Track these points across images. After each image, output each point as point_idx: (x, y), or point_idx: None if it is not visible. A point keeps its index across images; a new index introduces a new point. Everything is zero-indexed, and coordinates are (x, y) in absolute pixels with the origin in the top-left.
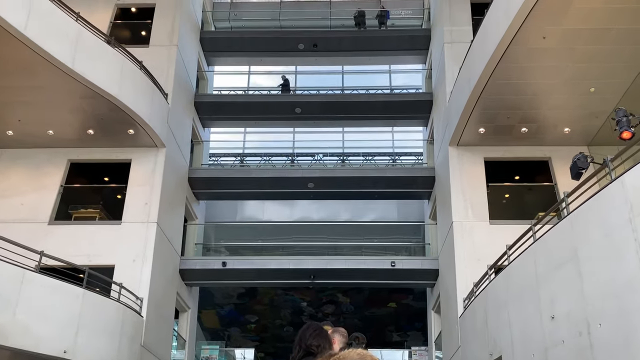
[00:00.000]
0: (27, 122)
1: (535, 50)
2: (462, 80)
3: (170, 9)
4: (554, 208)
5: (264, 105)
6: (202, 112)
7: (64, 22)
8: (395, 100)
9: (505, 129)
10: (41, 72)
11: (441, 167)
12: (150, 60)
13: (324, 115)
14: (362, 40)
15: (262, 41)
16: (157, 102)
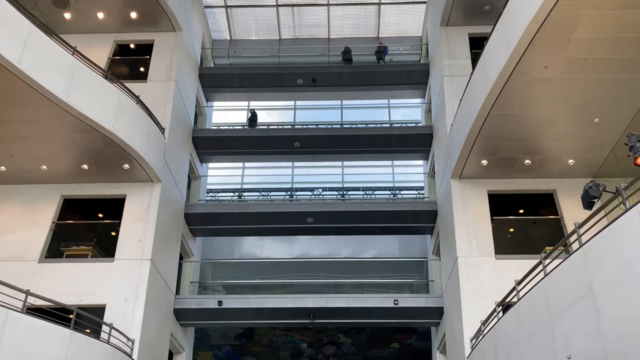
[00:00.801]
0: (20, 157)
1: (537, 80)
2: (463, 112)
3: (169, 45)
4: (565, 240)
5: (262, 140)
6: (200, 147)
7: (60, 56)
8: (394, 133)
9: (508, 161)
10: (35, 106)
11: (443, 201)
12: (148, 95)
13: (323, 149)
14: (361, 75)
15: (261, 76)
16: (154, 136)
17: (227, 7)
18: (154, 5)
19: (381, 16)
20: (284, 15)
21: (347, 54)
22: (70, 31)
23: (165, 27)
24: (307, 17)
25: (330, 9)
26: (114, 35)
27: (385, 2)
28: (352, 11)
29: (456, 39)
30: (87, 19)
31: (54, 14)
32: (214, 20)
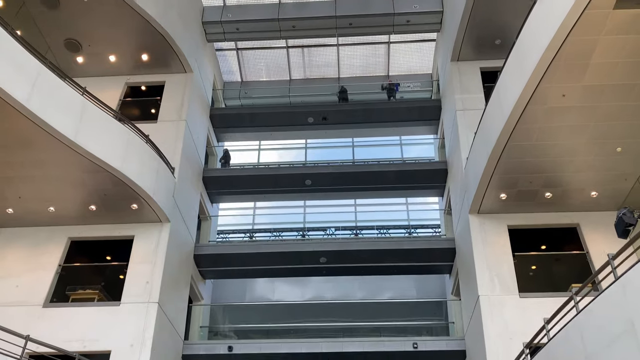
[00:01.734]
0: (27, 198)
1: (555, 109)
2: (479, 145)
3: (180, 86)
4: (598, 272)
5: (273, 178)
6: (210, 187)
7: (69, 96)
8: (408, 169)
9: (528, 195)
10: (43, 146)
11: (462, 238)
12: (158, 135)
13: (335, 186)
14: (372, 112)
15: (272, 116)
16: (163, 175)
17: (238, 49)
18: (166, 48)
19: (391, 55)
20: (294, 57)
21: (343, 93)
22: (82, 74)
23: (177, 69)
24: (317, 58)
25: (340, 49)
26: (126, 78)
27: (395, 41)
28: (361, 51)
29: (468, 73)
30: (100, 62)
31: (67, 58)
32: (226, 62)
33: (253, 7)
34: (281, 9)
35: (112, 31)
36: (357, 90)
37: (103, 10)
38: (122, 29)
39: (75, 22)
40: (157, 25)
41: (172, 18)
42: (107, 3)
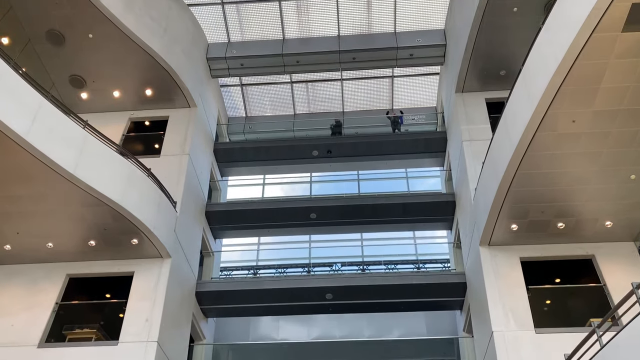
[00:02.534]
0: (26, 234)
1: (565, 135)
2: (487, 175)
3: (184, 120)
4: (622, 303)
5: (277, 212)
6: (213, 222)
7: (70, 129)
8: (415, 202)
9: (540, 225)
10: (43, 180)
11: (472, 272)
12: (161, 169)
13: (341, 220)
14: (377, 145)
15: (276, 150)
16: (164, 209)
17: (242, 85)
18: (170, 83)
19: (395, 89)
20: (298, 92)
21: (337, 127)
22: (86, 110)
23: (181, 104)
24: (321, 92)
25: (343, 83)
26: (129, 113)
27: (398, 74)
28: (365, 85)
29: (473, 105)
30: (104, 98)
31: (71, 94)
32: (230, 98)
33: (257, 43)
34: (285, 45)
35: (116, 67)
36: (361, 124)
37: (108, 47)
38: (126, 65)
39: (79, 59)
40: (162, 61)
41: (177, 54)
42: (111, 39)
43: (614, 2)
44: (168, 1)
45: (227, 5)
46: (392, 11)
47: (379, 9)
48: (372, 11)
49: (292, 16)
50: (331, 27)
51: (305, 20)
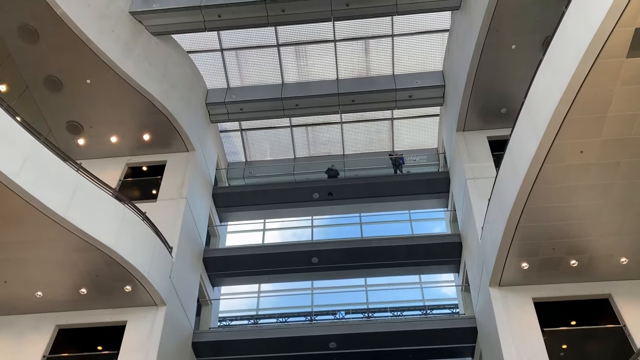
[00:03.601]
0: (14, 283)
1: (574, 167)
2: (494, 211)
3: (182, 164)
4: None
5: (278, 257)
6: (211, 269)
7: (61, 172)
8: (420, 244)
9: (552, 263)
10: (32, 224)
11: (483, 315)
12: (157, 214)
13: (344, 264)
14: (378, 186)
15: (276, 193)
16: (159, 255)
17: (242, 130)
18: (168, 128)
19: (395, 131)
20: (298, 135)
21: (330, 171)
22: (83, 157)
23: (179, 148)
24: (321, 136)
25: (343, 126)
26: (127, 158)
27: (398, 117)
28: (365, 127)
29: (475, 143)
30: (101, 143)
31: (69, 140)
32: (230, 143)
33: (256, 88)
34: (284, 89)
35: (114, 112)
36: (361, 166)
37: (106, 92)
38: (124, 110)
39: (77, 104)
40: (160, 105)
41: (175, 98)
42: (110, 84)
43: (617, 27)
44: (167, 48)
45: (226, 51)
46: (389, 55)
47: (377, 52)
48: (370, 55)
49: (291, 61)
50: (330, 71)
51: (304, 64)
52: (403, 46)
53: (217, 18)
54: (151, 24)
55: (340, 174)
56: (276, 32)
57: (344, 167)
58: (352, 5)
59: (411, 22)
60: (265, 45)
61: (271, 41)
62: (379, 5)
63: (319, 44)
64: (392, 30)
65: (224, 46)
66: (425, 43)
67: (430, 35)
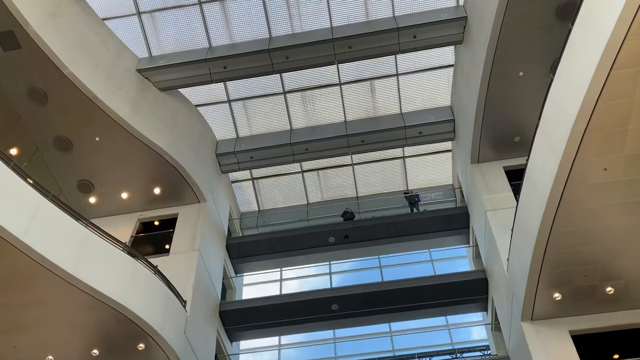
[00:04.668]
0: (23, 348)
1: (598, 186)
2: (519, 240)
3: (193, 216)
4: None
5: (296, 306)
6: (228, 323)
7: (69, 228)
8: (444, 282)
9: (586, 291)
10: (41, 284)
11: (517, 353)
12: (170, 267)
13: (365, 310)
14: (395, 226)
15: (291, 240)
16: (173, 309)
17: (253, 179)
18: (178, 180)
19: (407, 169)
20: (310, 181)
21: (348, 214)
22: (95, 215)
23: (190, 200)
24: (333, 179)
25: (355, 168)
26: (138, 214)
27: (410, 155)
28: (377, 168)
29: (491, 174)
30: (112, 201)
31: (80, 200)
32: (242, 193)
33: (265, 136)
34: (293, 134)
35: (124, 168)
36: (376, 207)
37: (115, 148)
38: (134, 165)
39: (87, 163)
40: (170, 158)
41: (185, 151)
42: (118, 140)
43: (628, 37)
44: (175, 101)
45: (233, 102)
46: (396, 93)
47: (383, 92)
48: (376, 95)
49: (298, 107)
50: (337, 113)
51: (311, 109)
52: (409, 84)
53: (223, 70)
54: (158, 80)
55: (356, 216)
56: (282, 80)
57: (359, 209)
58: (354, 47)
59: (415, 60)
60: (272, 94)
61: (277, 89)
62: (382, 45)
63: (325, 88)
64: (397, 69)
65: (231, 97)
66: (431, 79)
67: (435, 72)
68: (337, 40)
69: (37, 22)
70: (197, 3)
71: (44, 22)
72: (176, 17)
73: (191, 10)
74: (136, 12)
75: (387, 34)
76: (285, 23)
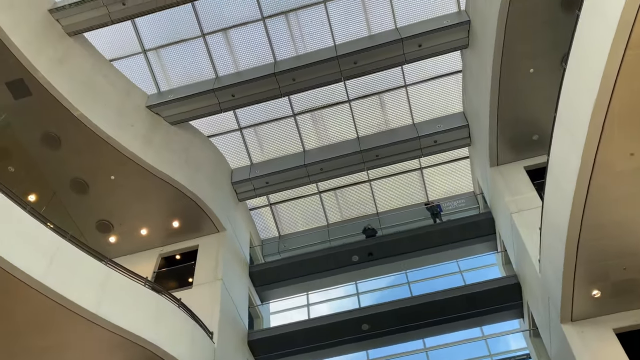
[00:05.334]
0: None
1: (626, 172)
2: (549, 238)
3: (214, 247)
4: None
5: (326, 329)
6: (258, 353)
7: (90, 267)
8: (477, 291)
9: (626, 286)
10: (62, 325)
11: (561, 358)
12: (194, 300)
13: (397, 327)
14: (420, 239)
15: (314, 262)
16: (200, 341)
17: (271, 205)
18: (196, 212)
19: (426, 180)
20: (328, 201)
21: (369, 230)
22: (115, 254)
23: (209, 230)
24: (351, 197)
25: (372, 184)
26: (159, 249)
27: (427, 165)
28: (395, 182)
29: (512, 175)
30: (132, 238)
31: (100, 240)
32: (261, 220)
33: (279, 159)
34: (306, 156)
35: (141, 204)
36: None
37: (130, 185)
38: (151, 201)
39: (104, 203)
40: (186, 190)
41: (200, 182)
42: (133, 176)
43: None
44: (187, 134)
45: (244, 129)
46: (406, 105)
47: (393, 105)
48: (387, 108)
49: (309, 127)
50: (349, 130)
51: (322, 128)
52: (418, 94)
53: (231, 98)
54: (169, 115)
55: (378, 232)
56: (290, 102)
57: (380, 225)
58: (360, 62)
59: (422, 69)
60: (282, 117)
61: (287, 112)
62: (387, 57)
63: (334, 106)
64: (404, 80)
65: (242, 124)
66: (440, 87)
67: (444, 79)
68: (341, 57)
69: (46, 69)
70: (200, 35)
71: (52, 68)
72: (181, 51)
73: (195, 43)
74: (142, 50)
75: (391, 45)
76: (289, 45)
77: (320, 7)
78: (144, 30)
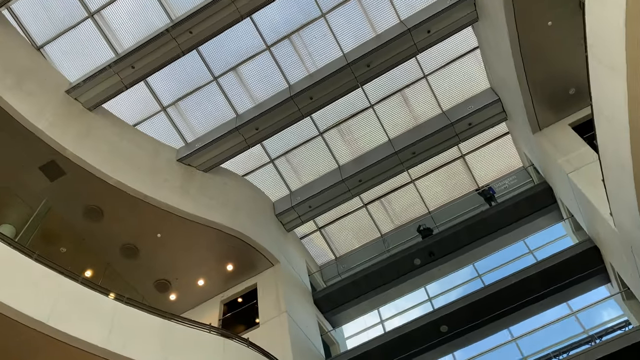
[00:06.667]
0: None
1: None
2: (616, 188)
3: (272, 281)
4: None
5: (405, 339)
6: None
7: (150, 324)
8: (552, 265)
9: None
10: None
11: None
12: (263, 338)
13: (477, 321)
14: (479, 226)
15: (376, 275)
16: None
17: (320, 229)
18: (247, 251)
19: (470, 166)
20: (376, 211)
21: (423, 230)
22: (179, 310)
23: (264, 266)
24: (398, 202)
25: (416, 184)
26: (220, 297)
27: (467, 151)
28: (439, 176)
29: (559, 135)
30: (191, 291)
31: (161, 299)
32: (313, 246)
33: (317, 181)
34: (342, 170)
35: (192, 255)
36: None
37: (177, 238)
38: (200, 249)
39: (156, 262)
40: (231, 231)
41: (243, 220)
42: (178, 230)
43: None
44: (221, 177)
45: (276, 160)
46: (430, 95)
47: (417, 98)
48: (411, 104)
49: (338, 142)
50: (379, 135)
51: (351, 140)
52: (440, 81)
53: (255, 131)
54: (200, 163)
55: (434, 230)
56: (314, 122)
57: (435, 223)
58: (373, 63)
59: (437, 56)
60: (309, 139)
61: (313, 132)
62: (399, 52)
63: (358, 114)
64: (422, 71)
65: (272, 156)
66: (461, 69)
67: (463, 59)
68: (353, 63)
69: (73, 146)
70: (212, 79)
71: (80, 143)
72: (198, 99)
73: (209, 87)
74: (161, 107)
75: (400, 39)
76: (299, 67)
77: (320, 22)
78: (159, 88)
